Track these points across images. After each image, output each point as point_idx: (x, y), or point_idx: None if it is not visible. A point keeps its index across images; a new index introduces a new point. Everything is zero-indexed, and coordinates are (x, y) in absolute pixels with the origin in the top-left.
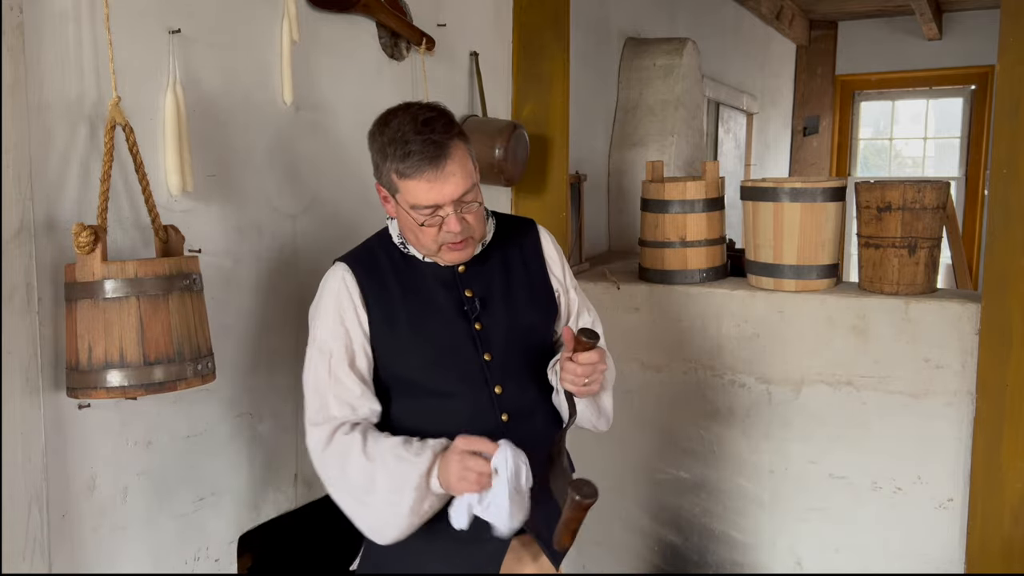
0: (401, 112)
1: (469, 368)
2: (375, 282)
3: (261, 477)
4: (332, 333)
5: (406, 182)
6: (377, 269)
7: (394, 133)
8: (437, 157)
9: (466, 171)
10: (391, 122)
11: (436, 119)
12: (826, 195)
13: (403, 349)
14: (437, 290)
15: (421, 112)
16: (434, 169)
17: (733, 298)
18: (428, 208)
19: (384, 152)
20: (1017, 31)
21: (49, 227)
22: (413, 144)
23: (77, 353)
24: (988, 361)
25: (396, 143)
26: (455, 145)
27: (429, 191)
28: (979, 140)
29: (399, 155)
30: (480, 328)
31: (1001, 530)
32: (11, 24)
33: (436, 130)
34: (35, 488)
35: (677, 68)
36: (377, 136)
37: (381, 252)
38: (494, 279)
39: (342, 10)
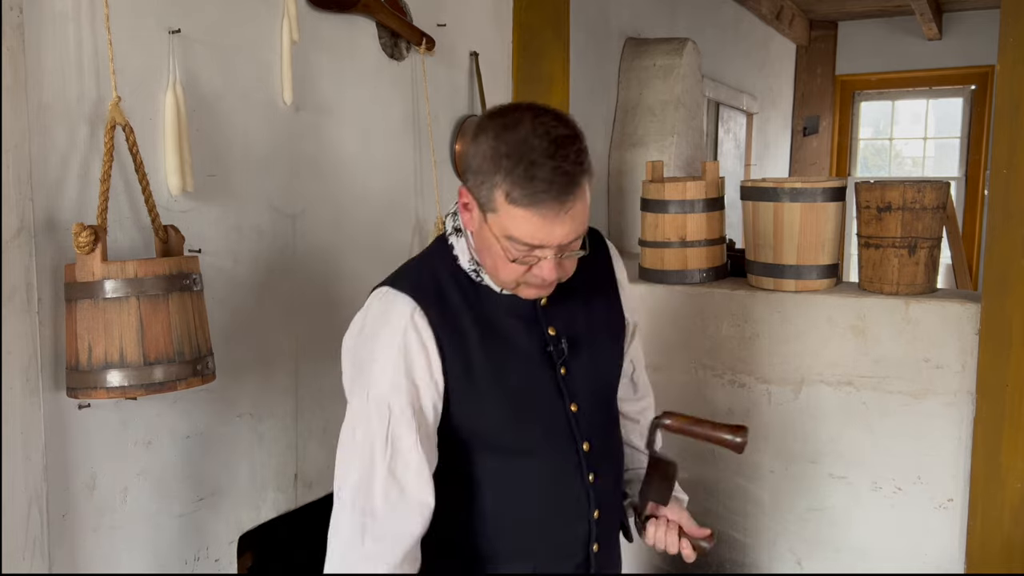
0: (529, 118)
1: (554, 422)
2: (449, 323)
3: (261, 477)
4: (395, 386)
5: (515, 209)
6: (449, 305)
7: (520, 145)
8: (565, 193)
9: (585, 213)
10: (516, 128)
11: (571, 141)
12: (826, 195)
13: (481, 403)
14: (517, 328)
15: (555, 126)
16: (557, 206)
17: (733, 298)
18: (527, 246)
19: (498, 162)
20: (1017, 31)
21: (49, 227)
22: (541, 169)
23: (77, 353)
24: (988, 361)
25: (520, 159)
26: (584, 180)
27: (539, 229)
28: (979, 140)
29: (520, 176)
30: (565, 373)
31: (1001, 530)
32: (11, 24)
33: (570, 157)
34: (35, 488)
35: (677, 68)
36: (491, 138)
37: (450, 281)
38: (578, 313)
39: (342, 10)
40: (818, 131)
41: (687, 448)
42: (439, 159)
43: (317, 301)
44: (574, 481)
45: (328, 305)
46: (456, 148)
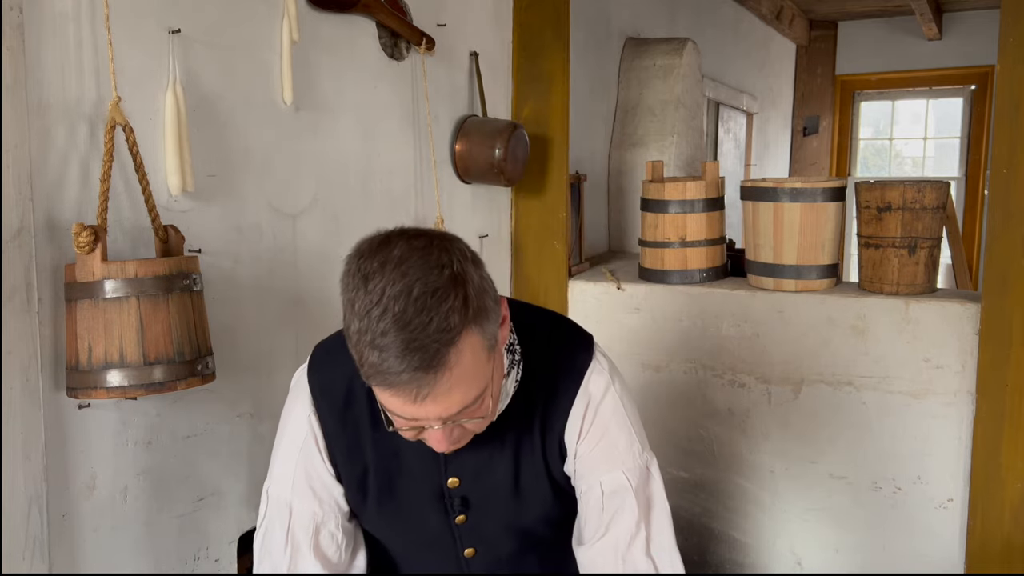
0: (390, 265)
1: (444, 560)
2: (347, 438)
3: (261, 477)
4: (296, 490)
5: (373, 384)
6: (353, 413)
7: (368, 306)
8: (419, 373)
9: (469, 379)
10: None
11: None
12: (826, 195)
13: (370, 518)
14: (413, 466)
15: (417, 277)
16: (414, 390)
17: (733, 298)
18: (401, 418)
19: (348, 320)
20: (1017, 31)
21: (49, 227)
22: (388, 346)
23: (77, 353)
24: (988, 361)
25: (367, 326)
26: (456, 350)
27: (405, 408)
28: (979, 140)
29: (366, 351)
30: (463, 521)
31: (1001, 530)
32: (11, 24)
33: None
34: (35, 488)
35: (677, 68)
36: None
37: (363, 396)
38: (496, 465)
39: (342, 10)
40: (818, 131)
41: (688, 448)
42: (439, 159)
43: (317, 301)
44: None
45: (328, 305)
46: (456, 148)
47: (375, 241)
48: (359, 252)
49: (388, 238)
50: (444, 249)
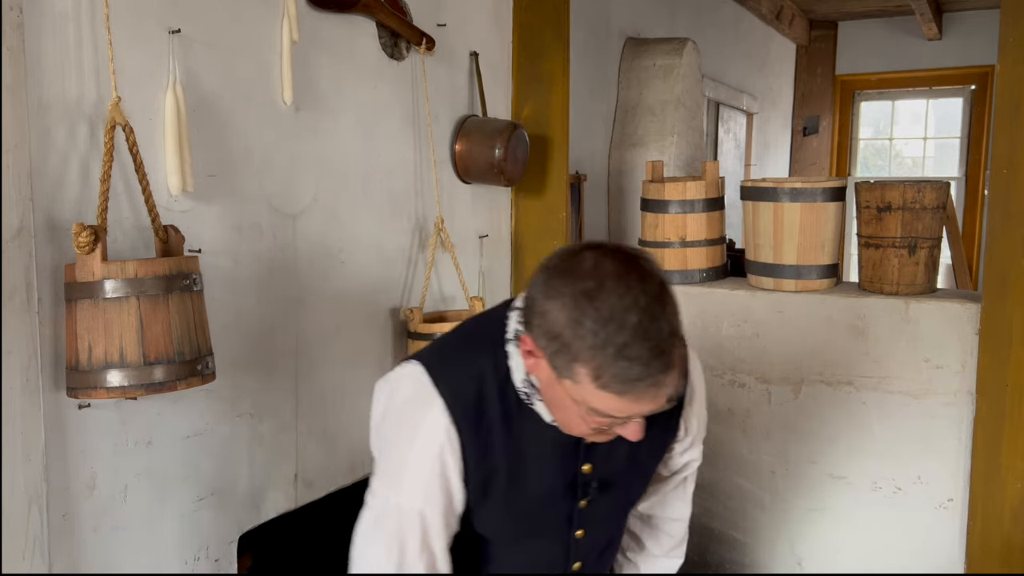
0: (612, 282)
1: (553, 545)
2: (480, 442)
3: (261, 477)
4: (428, 498)
5: (602, 392)
6: (484, 422)
7: (607, 322)
8: (659, 374)
9: (680, 382)
10: (599, 296)
11: (661, 305)
12: (826, 195)
13: (485, 514)
14: (550, 460)
15: (641, 289)
16: (651, 389)
17: (733, 298)
18: (610, 418)
19: (581, 337)
20: (1017, 31)
21: (49, 227)
22: (633, 349)
23: (77, 353)
24: (988, 361)
25: (608, 341)
26: (678, 350)
27: (629, 407)
28: (979, 140)
29: (609, 360)
30: (584, 506)
31: (1001, 530)
32: (11, 24)
33: (664, 329)
34: (35, 488)
35: (677, 68)
36: (569, 306)
37: (493, 397)
38: (621, 450)
39: (342, 10)
40: (818, 131)
41: None
42: (439, 159)
43: (317, 301)
44: None
45: (328, 305)
46: (456, 148)
47: (577, 260)
48: (562, 271)
49: (591, 256)
50: (643, 258)
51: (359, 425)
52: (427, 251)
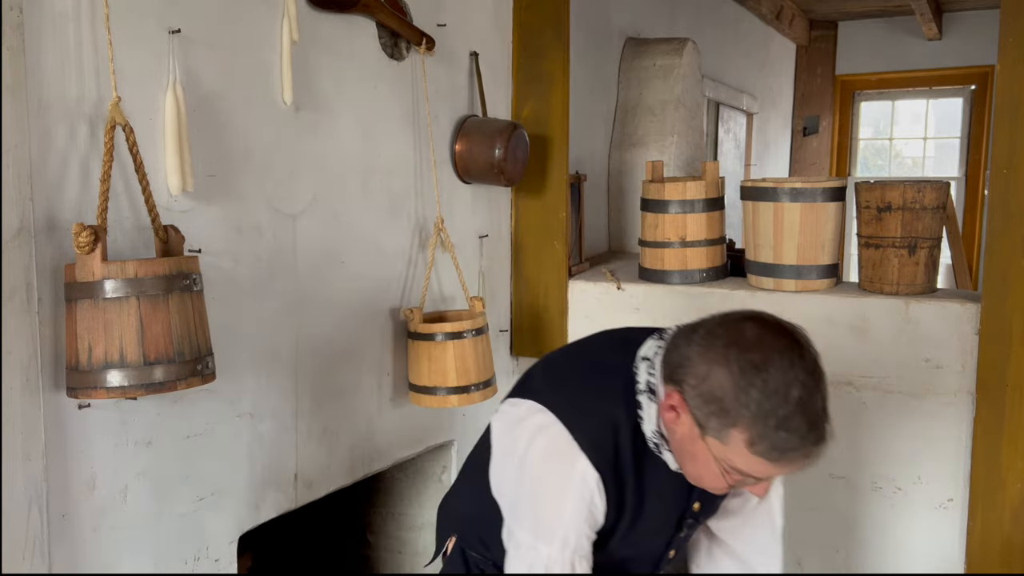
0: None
1: (645, 564)
2: (617, 489)
3: (261, 477)
4: (577, 547)
5: (753, 457)
6: (619, 471)
7: (772, 395)
8: (814, 446)
9: None
10: (765, 369)
11: (819, 386)
12: (826, 195)
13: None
14: (666, 500)
15: (804, 368)
16: (801, 459)
17: (733, 298)
18: (751, 477)
19: (744, 404)
20: (1017, 31)
21: (49, 227)
22: (794, 422)
23: (77, 353)
24: (988, 361)
25: (771, 412)
26: (830, 429)
27: (773, 471)
28: (979, 140)
29: (769, 430)
30: (683, 535)
31: (1001, 530)
32: (11, 24)
33: (819, 407)
34: (35, 488)
35: (677, 68)
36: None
37: (627, 445)
38: None
39: (342, 10)
40: (818, 131)
41: None
42: (439, 159)
43: (317, 301)
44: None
45: (328, 305)
46: (456, 148)
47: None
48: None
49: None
50: (800, 333)
51: (359, 425)
52: (427, 251)
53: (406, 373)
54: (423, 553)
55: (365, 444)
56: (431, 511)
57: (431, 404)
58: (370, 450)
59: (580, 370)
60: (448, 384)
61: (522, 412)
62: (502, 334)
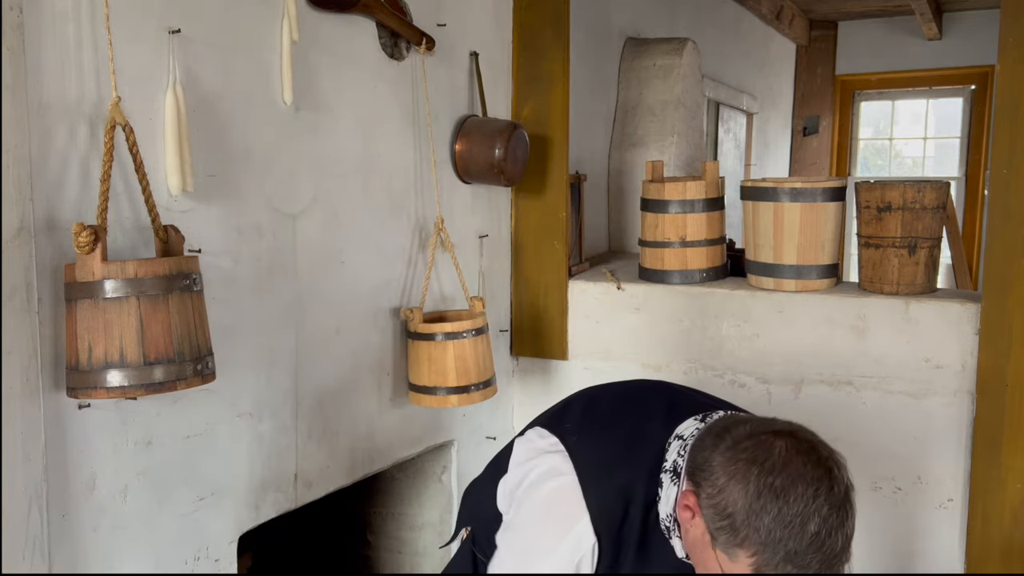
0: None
1: None
2: (613, 555)
3: (261, 477)
4: None
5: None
6: (622, 539)
7: (788, 523)
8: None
9: None
10: (786, 497)
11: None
12: (826, 195)
13: None
14: (662, 569)
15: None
16: None
17: (733, 298)
18: None
19: (754, 525)
20: (1017, 31)
21: (49, 227)
22: (804, 559)
23: (77, 353)
24: (988, 361)
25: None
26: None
27: None
28: (979, 140)
29: (776, 559)
30: None
31: (1001, 530)
32: (11, 24)
33: (837, 547)
34: (35, 488)
35: (677, 68)
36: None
37: (636, 521)
38: None
39: (342, 10)
40: (818, 131)
41: None
42: (439, 159)
43: (317, 301)
44: None
45: (328, 305)
46: (456, 148)
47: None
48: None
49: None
50: (835, 461)
51: (359, 425)
52: (427, 251)
53: (406, 373)
54: (423, 553)
55: (365, 444)
56: (431, 511)
57: (431, 404)
58: (370, 450)
59: (617, 427)
60: (448, 384)
61: (545, 446)
62: (502, 334)
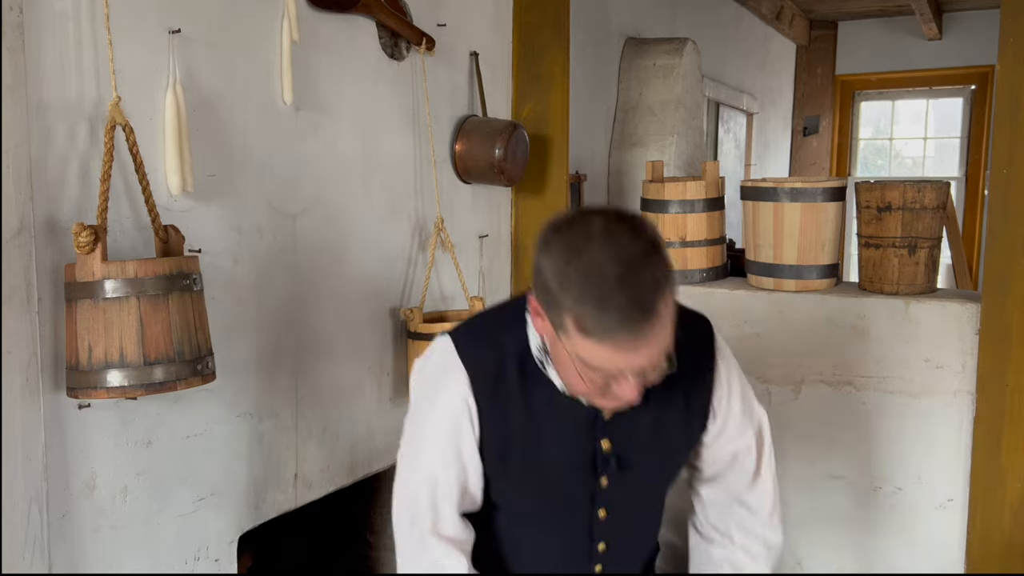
0: (598, 236)
1: (577, 524)
2: (498, 407)
3: (261, 477)
4: (443, 460)
5: (586, 340)
6: (504, 388)
7: (588, 270)
8: (639, 323)
9: (668, 333)
10: (584, 250)
11: (645, 260)
12: (826, 195)
13: (506, 487)
14: (565, 431)
15: (625, 245)
16: (631, 339)
17: (733, 298)
18: (603, 371)
19: (566, 288)
20: (1017, 31)
21: (49, 227)
22: (612, 300)
23: (77, 353)
24: (988, 361)
25: (589, 290)
26: (664, 303)
27: (615, 360)
28: (979, 140)
29: (590, 309)
30: (606, 485)
31: (1001, 530)
32: (11, 24)
33: (645, 282)
34: (35, 488)
35: (677, 68)
36: (558, 259)
37: (513, 363)
38: (642, 426)
39: (342, 10)
40: (818, 131)
41: None
42: (439, 159)
43: (317, 301)
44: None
45: (328, 305)
46: (456, 148)
47: (573, 219)
48: (558, 228)
49: (585, 215)
50: (638, 219)
51: (359, 425)
52: (427, 251)
53: (406, 373)
54: None
55: (365, 444)
56: None
57: None
58: (370, 450)
59: (496, 304)
60: None
61: (432, 343)
62: None
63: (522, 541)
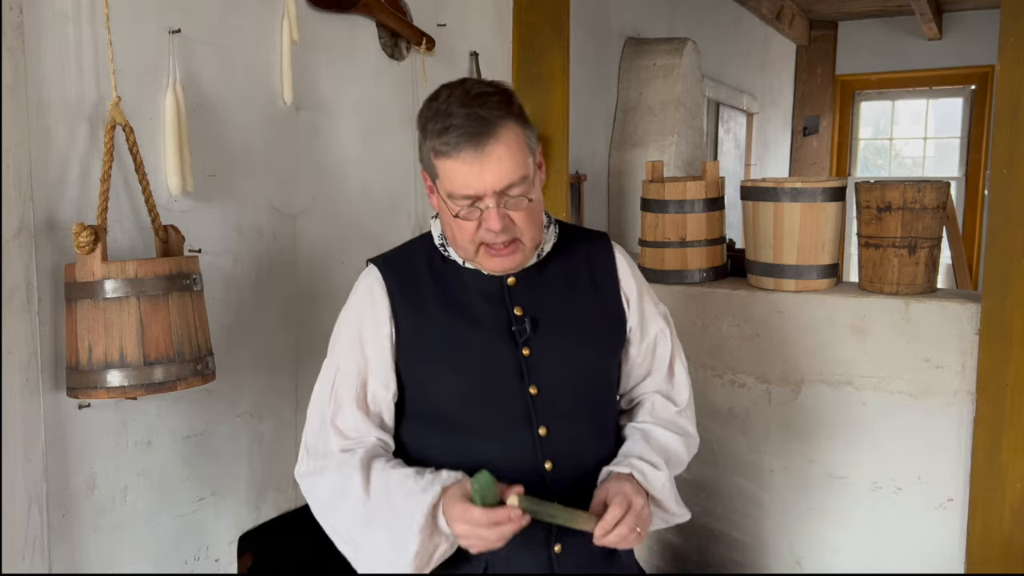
0: (455, 85)
1: (511, 403)
2: (409, 291)
3: (261, 477)
4: (347, 350)
5: (443, 162)
6: (413, 275)
7: (439, 106)
8: (480, 135)
9: (515, 158)
10: (440, 95)
11: (490, 95)
12: (826, 195)
13: (433, 375)
14: (480, 304)
15: (476, 86)
16: (474, 149)
17: (733, 298)
18: (466, 198)
19: (425, 128)
20: (1017, 31)
21: (49, 227)
22: (455, 118)
23: (77, 353)
24: (988, 361)
25: (438, 116)
26: (506, 125)
27: (467, 176)
28: (979, 140)
29: (438, 129)
30: (528, 354)
31: (1001, 530)
32: (11, 24)
33: (487, 105)
34: (35, 488)
35: (677, 68)
36: (423, 110)
37: (420, 255)
38: (551, 296)
39: (342, 10)
40: (818, 131)
41: None
42: None
43: (317, 301)
44: (528, 467)
45: (328, 305)
46: None
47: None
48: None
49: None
50: (499, 82)
51: None
52: None
53: None
54: None
55: None
56: None
57: None
58: None
59: None
60: None
61: None
62: None
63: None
